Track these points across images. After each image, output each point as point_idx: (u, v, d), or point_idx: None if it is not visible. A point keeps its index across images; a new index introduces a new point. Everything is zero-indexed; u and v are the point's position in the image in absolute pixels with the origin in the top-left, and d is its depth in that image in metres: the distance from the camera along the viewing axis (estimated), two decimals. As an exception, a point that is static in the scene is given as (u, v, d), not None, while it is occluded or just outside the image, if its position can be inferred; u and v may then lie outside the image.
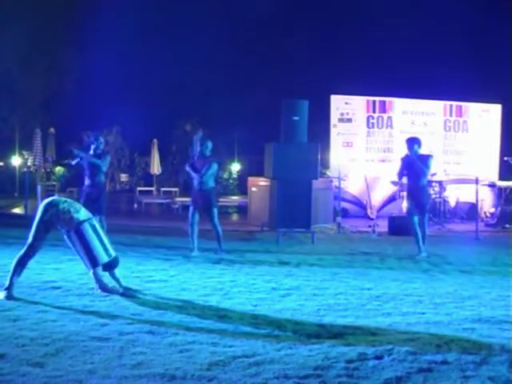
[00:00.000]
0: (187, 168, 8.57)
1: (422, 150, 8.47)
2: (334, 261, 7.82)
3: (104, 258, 5.19)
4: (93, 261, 5.16)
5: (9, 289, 4.97)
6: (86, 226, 5.18)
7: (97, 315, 4.42)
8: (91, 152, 8.32)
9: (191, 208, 8.51)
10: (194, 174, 8.41)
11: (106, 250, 5.22)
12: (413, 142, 8.34)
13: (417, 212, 8.30)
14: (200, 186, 8.38)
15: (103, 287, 5.24)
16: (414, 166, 8.22)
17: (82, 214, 5.25)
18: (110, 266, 5.32)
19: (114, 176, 33.46)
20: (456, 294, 5.60)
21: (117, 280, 5.37)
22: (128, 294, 5.20)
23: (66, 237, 5.27)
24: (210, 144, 8.52)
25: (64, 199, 5.36)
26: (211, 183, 8.48)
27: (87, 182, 8.32)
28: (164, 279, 6.08)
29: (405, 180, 8.75)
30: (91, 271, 5.24)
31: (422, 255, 8.14)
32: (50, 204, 5.20)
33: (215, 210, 8.48)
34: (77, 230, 5.13)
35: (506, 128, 16.83)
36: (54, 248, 7.52)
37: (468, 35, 24.63)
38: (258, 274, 6.60)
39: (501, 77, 20.77)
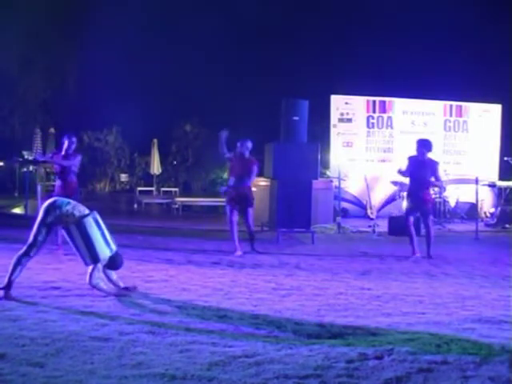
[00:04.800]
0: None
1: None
2: (333, 261, 7.82)
3: (106, 253, 5.15)
4: (94, 256, 5.09)
5: (7, 288, 4.96)
6: (89, 220, 5.12)
7: (97, 315, 4.42)
8: (63, 152, 8.23)
9: (228, 207, 8.50)
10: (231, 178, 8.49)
11: (107, 244, 5.18)
12: (422, 145, 8.27)
13: (419, 213, 8.30)
14: (237, 185, 8.38)
15: (94, 284, 5.14)
16: (422, 168, 8.18)
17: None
18: (113, 265, 5.29)
19: (114, 176, 33.47)
20: (456, 294, 5.60)
21: (111, 281, 5.34)
22: (121, 293, 5.19)
23: (64, 231, 5.19)
24: (250, 144, 8.58)
25: (67, 201, 5.28)
26: (249, 182, 8.51)
27: (58, 182, 8.24)
28: (164, 279, 6.08)
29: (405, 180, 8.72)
30: (91, 267, 5.16)
31: (417, 256, 8.11)
32: (53, 205, 5.13)
33: (251, 210, 8.50)
34: (78, 224, 5.07)
35: (505, 128, 16.84)
36: (54, 248, 7.54)
37: (468, 35, 24.63)
38: (258, 274, 6.60)
39: (501, 77, 20.76)
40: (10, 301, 4.81)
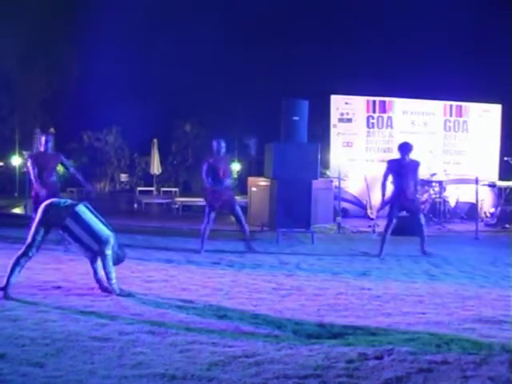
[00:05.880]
0: (204, 173, 8.43)
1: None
2: (333, 261, 7.82)
3: (108, 232, 5.15)
4: (97, 239, 5.09)
5: (5, 288, 4.96)
6: (81, 207, 5.15)
7: (97, 315, 4.42)
8: (42, 149, 8.31)
9: (208, 208, 8.42)
10: (208, 180, 8.34)
11: (105, 225, 5.20)
12: (405, 149, 8.36)
13: (409, 213, 8.38)
14: (221, 186, 8.34)
15: (109, 280, 5.13)
16: (406, 169, 8.26)
17: None
18: (117, 260, 5.30)
19: (113, 176, 33.47)
20: (456, 294, 5.60)
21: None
22: (124, 293, 5.19)
23: (61, 231, 5.19)
24: (224, 143, 8.58)
25: (64, 200, 5.34)
26: (230, 181, 8.51)
27: (37, 181, 8.13)
28: (164, 279, 6.08)
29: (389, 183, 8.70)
30: (99, 258, 5.13)
31: (381, 257, 8.13)
32: (50, 205, 5.18)
33: (239, 208, 8.53)
34: (72, 214, 5.08)
35: (505, 128, 16.83)
36: (54, 248, 7.54)
37: (468, 35, 24.63)
38: (258, 273, 6.61)
39: (501, 77, 20.76)
40: (9, 301, 4.81)
